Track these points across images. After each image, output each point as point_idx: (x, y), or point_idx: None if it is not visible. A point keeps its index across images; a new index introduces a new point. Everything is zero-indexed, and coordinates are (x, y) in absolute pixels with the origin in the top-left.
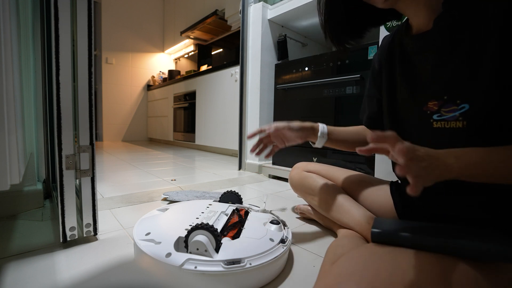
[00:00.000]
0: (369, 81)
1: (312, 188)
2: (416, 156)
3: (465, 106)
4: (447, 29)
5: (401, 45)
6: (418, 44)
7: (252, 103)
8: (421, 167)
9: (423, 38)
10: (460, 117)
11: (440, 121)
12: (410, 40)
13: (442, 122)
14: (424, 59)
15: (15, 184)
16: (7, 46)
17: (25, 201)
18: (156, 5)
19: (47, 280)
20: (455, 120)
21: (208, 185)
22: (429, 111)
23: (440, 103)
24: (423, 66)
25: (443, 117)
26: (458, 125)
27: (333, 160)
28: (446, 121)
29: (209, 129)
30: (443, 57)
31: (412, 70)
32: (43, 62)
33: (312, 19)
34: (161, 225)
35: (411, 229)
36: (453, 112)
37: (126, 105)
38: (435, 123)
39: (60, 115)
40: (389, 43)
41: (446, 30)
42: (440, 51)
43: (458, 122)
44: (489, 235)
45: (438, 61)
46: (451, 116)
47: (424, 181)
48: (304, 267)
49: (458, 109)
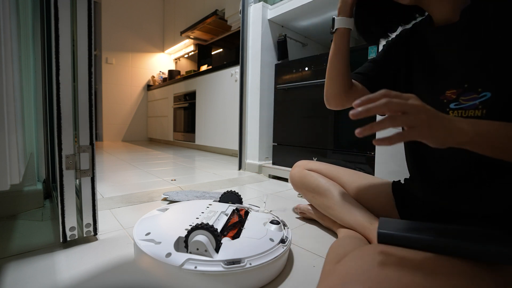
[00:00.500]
0: (381, 51)
1: (313, 186)
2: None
3: (487, 94)
4: (475, 20)
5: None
6: (443, 36)
7: (252, 103)
8: (421, 119)
9: (448, 30)
10: (480, 105)
11: (457, 109)
12: (433, 32)
13: (460, 110)
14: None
15: (15, 184)
16: (7, 46)
17: (25, 201)
18: (156, 5)
19: (47, 280)
20: (474, 108)
21: (208, 185)
22: (446, 100)
23: (459, 91)
24: (445, 56)
25: (461, 105)
26: (477, 113)
27: (333, 160)
28: (464, 110)
29: (209, 129)
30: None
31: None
32: (43, 62)
33: (312, 19)
34: (161, 225)
35: (417, 230)
36: (473, 101)
37: (126, 105)
38: (451, 112)
39: (60, 115)
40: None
41: (474, 21)
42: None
43: (477, 111)
44: (493, 236)
45: (463, 51)
46: (470, 105)
47: (425, 135)
48: (304, 267)
49: (478, 97)
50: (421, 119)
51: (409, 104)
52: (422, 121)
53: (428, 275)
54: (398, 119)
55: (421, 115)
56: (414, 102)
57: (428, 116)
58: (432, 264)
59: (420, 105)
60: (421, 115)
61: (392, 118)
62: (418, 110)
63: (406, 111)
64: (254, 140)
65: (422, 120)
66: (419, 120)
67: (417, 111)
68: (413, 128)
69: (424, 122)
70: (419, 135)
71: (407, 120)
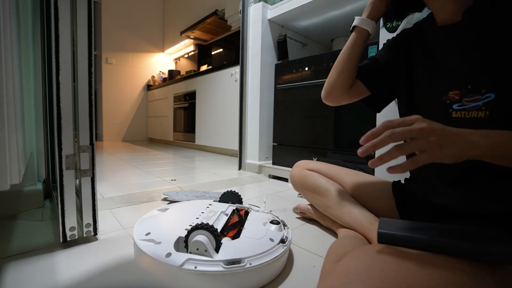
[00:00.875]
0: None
1: (313, 186)
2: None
3: (491, 95)
4: (477, 20)
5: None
6: (444, 36)
7: (252, 103)
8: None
9: (450, 30)
10: (483, 106)
11: (460, 110)
12: (435, 32)
13: (463, 112)
14: (449, 50)
15: (15, 184)
16: (7, 46)
17: (25, 201)
18: (156, 5)
19: (47, 280)
20: (477, 110)
21: (208, 185)
22: (449, 101)
23: (462, 92)
24: (447, 57)
25: (464, 106)
26: (480, 114)
27: (333, 160)
28: (467, 111)
29: (209, 129)
30: (472, 48)
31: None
32: (43, 62)
33: (312, 19)
34: (161, 225)
35: (417, 230)
36: (476, 102)
37: (126, 105)
38: (454, 113)
39: (60, 115)
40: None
41: (477, 22)
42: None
43: (480, 112)
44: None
45: (466, 52)
46: (473, 106)
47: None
48: (304, 267)
49: (482, 98)
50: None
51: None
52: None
53: (428, 275)
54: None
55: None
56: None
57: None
58: (432, 264)
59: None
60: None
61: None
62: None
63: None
64: (254, 140)
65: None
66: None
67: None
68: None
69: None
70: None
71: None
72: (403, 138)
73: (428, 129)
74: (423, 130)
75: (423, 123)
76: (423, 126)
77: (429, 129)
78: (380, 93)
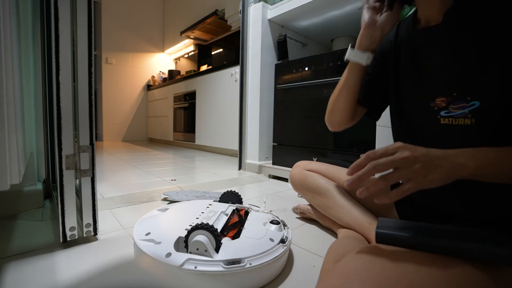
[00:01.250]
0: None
1: (313, 187)
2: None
3: (476, 103)
4: (457, 23)
5: (408, 38)
6: (427, 38)
7: (252, 103)
8: (414, 171)
9: (432, 32)
10: (469, 114)
11: (448, 117)
12: (417, 33)
13: (450, 118)
14: (432, 53)
15: (15, 184)
16: (7, 46)
17: (25, 201)
18: (156, 5)
19: (47, 280)
20: (463, 117)
21: (208, 185)
22: (436, 107)
23: (448, 99)
24: (431, 61)
25: (451, 113)
26: (467, 122)
27: (333, 160)
28: (454, 118)
29: (209, 129)
30: (453, 53)
31: (418, 65)
32: (43, 62)
33: (312, 19)
34: (161, 225)
35: (415, 230)
36: (462, 109)
37: (126, 105)
38: (442, 119)
39: (60, 115)
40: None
41: (457, 25)
42: (451, 46)
43: (466, 119)
44: (492, 236)
45: (448, 57)
46: (459, 113)
47: (423, 184)
48: (304, 267)
49: (467, 106)
50: (414, 170)
51: (398, 160)
52: (416, 173)
53: (427, 275)
54: (390, 177)
55: (414, 166)
56: (402, 154)
57: (421, 164)
58: (431, 264)
59: (409, 156)
60: (413, 167)
61: (384, 178)
62: (409, 162)
63: (396, 166)
64: (254, 140)
65: (415, 171)
66: (413, 172)
67: (408, 163)
68: (410, 180)
69: (418, 173)
70: (418, 186)
71: (401, 176)
72: (387, 169)
73: (411, 157)
74: (406, 159)
75: (406, 151)
76: (405, 155)
77: (412, 157)
78: (376, 106)
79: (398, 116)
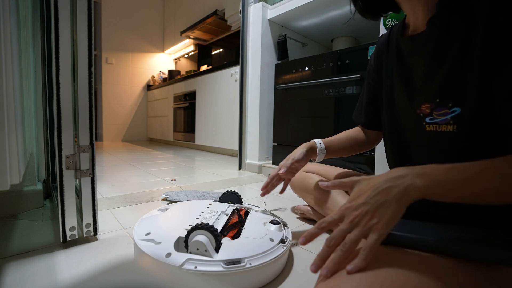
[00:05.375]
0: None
1: (312, 188)
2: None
3: (457, 109)
4: (440, 30)
5: (398, 45)
6: (413, 45)
7: (252, 103)
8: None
9: (417, 39)
10: (451, 120)
11: (432, 124)
12: (405, 40)
13: (434, 125)
14: (418, 61)
15: (15, 184)
16: (7, 46)
17: (25, 201)
18: (156, 5)
19: (47, 280)
20: (446, 123)
21: (208, 185)
22: (422, 114)
23: (432, 106)
24: (417, 68)
25: (435, 120)
26: (449, 128)
27: (332, 161)
28: (438, 125)
29: (209, 129)
30: (436, 60)
31: (407, 72)
32: (43, 62)
33: (312, 19)
34: (161, 225)
35: (415, 230)
36: (444, 115)
37: (126, 105)
38: (427, 126)
39: (60, 115)
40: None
41: (439, 32)
42: (433, 53)
43: (449, 126)
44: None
45: (431, 63)
46: (442, 120)
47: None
48: (304, 267)
49: (449, 112)
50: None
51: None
52: (368, 226)
53: (425, 275)
54: (348, 245)
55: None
56: (348, 218)
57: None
58: (430, 265)
59: (353, 215)
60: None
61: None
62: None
63: (352, 229)
64: (254, 140)
65: (367, 225)
66: (366, 227)
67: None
68: (368, 235)
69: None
70: (380, 235)
71: (358, 237)
72: (342, 240)
73: (356, 216)
74: (352, 221)
75: (349, 211)
76: (350, 218)
77: (356, 216)
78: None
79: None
